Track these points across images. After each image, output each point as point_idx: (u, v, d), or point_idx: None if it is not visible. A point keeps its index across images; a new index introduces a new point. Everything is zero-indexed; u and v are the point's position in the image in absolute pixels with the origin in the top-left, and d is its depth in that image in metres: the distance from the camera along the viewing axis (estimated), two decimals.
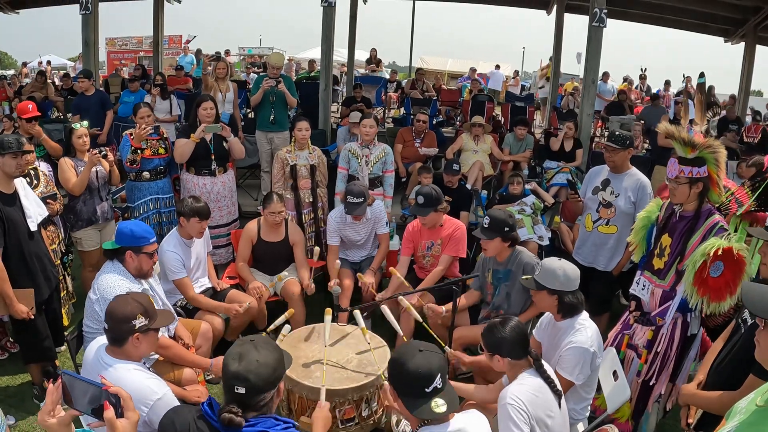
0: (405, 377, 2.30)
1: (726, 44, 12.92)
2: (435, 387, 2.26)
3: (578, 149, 7.95)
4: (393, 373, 2.39)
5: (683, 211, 3.51)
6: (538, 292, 3.29)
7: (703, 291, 3.26)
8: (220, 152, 5.62)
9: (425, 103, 11.16)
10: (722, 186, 3.47)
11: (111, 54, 21.62)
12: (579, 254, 4.88)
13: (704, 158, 3.37)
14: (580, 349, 3.09)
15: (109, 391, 1.76)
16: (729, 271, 3.18)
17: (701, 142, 3.35)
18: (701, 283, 3.25)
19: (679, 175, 3.41)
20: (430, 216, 4.67)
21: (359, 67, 18.01)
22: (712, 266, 3.20)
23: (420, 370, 2.27)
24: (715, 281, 3.21)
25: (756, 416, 1.63)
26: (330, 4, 8.22)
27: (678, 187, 3.43)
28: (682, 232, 3.47)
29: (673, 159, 3.46)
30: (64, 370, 1.83)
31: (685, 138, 3.37)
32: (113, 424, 1.74)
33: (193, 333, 4.09)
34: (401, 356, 2.35)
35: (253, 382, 2.01)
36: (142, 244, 3.57)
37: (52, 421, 1.71)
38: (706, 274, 3.22)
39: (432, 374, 2.26)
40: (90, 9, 8.31)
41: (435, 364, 2.30)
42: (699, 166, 3.36)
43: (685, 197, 3.44)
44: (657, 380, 3.61)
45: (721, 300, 3.25)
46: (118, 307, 2.67)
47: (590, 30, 7.87)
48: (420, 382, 2.26)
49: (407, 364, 2.29)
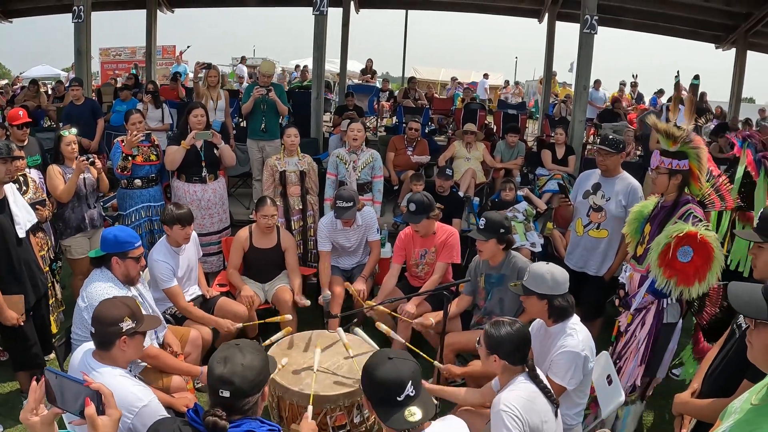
0: (375, 386, 2.24)
1: (717, 51, 13.01)
2: (407, 395, 2.19)
3: (570, 156, 7.96)
4: (364, 382, 2.33)
5: (664, 201, 3.72)
6: (528, 298, 3.27)
7: (669, 273, 3.43)
8: (210, 159, 5.60)
9: (418, 112, 11.21)
10: (704, 181, 3.64)
11: (105, 64, 21.62)
12: (570, 259, 4.88)
13: (686, 153, 3.56)
14: (572, 354, 3.06)
15: (91, 387, 1.74)
16: (698, 257, 3.34)
17: (682, 135, 3.52)
18: (667, 264, 3.41)
19: (659, 165, 3.63)
20: (423, 223, 4.65)
21: (353, 77, 18.08)
22: (680, 251, 3.35)
23: (389, 378, 2.20)
24: (684, 266, 3.37)
25: (751, 414, 1.62)
26: (322, 12, 8.23)
27: (658, 177, 3.67)
28: (660, 221, 3.66)
29: (656, 150, 3.68)
30: (47, 368, 1.81)
31: (667, 130, 3.55)
32: (94, 421, 1.72)
33: (182, 340, 4.05)
34: (370, 365, 2.29)
35: (237, 385, 1.99)
36: (127, 249, 3.53)
37: (34, 420, 1.70)
38: (671, 256, 3.37)
39: (402, 382, 2.19)
40: (82, 18, 8.29)
41: (405, 371, 2.22)
42: (679, 159, 3.56)
43: (664, 187, 3.66)
44: (620, 359, 3.75)
45: (688, 284, 3.39)
46: (104, 310, 2.65)
47: (581, 37, 7.89)
48: (390, 390, 2.19)
49: (376, 373, 2.23)
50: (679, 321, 3.75)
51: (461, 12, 14.53)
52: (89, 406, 1.72)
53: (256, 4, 13.81)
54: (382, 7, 14.39)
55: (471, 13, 14.48)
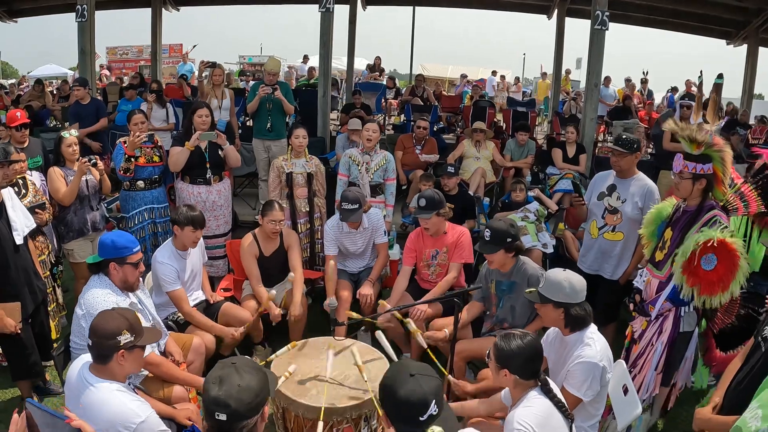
0: (397, 405, 2.13)
1: (728, 47, 12.86)
2: (430, 414, 2.08)
3: (582, 154, 7.82)
4: (384, 398, 2.21)
5: (687, 206, 3.61)
6: (543, 306, 3.16)
7: (692, 281, 3.33)
8: (215, 160, 5.50)
9: (426, 110, 11.09)
10: (728, 184, 3.52)
11: (111, 63, 21.60)
12: (584, 262, 4.77)
13: (710, 156, 3.44)
14: (590, 364, 2.95)
15: (72, 425, 1.64)
16: (722, 266, 3.25)
17: (705, 140, 3.39)
18: (691, 272, 3.32)
19: (683, 170, 3.50)
20: (433, 220, 4.53)
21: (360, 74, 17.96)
22: (703, 258, 3.26)
23: (412, 397, 2.09)
24: (707, 274, 3.28)
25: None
26: (328, 9, 8.15)
27: (681, 182, 3.52)
28: (682, 226, 3.54)
29: (679, 154, 3.54)
30: (28, 400, 1.72)
31: (689, 135, 3.42)
32: None
33: (185, 348, 3.95)
34: (392, 381, 2.18)
35: (234, 408, 1.90)
36: (125, 254, 3.43)
37: None
38: (696, 264, 3.28)
39: (426, 401, 2.08)
40: (86, 17, 8.23)
41: (429, 389, 2.11)
42: (703, 163, 3.43)
43: (688, 192, 3.52)
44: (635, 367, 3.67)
45: (712, 294, 3.30)
46: (102, 323, 2.56)
47: (592, 33, 7.76)
48: (413, 410, 2.09)
49: (399, 391, 2.12)
50: (695, 329, 3.67)
51: (469, 8, 14.44)
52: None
53: (262, 2, 13.75)
54: (389, 3, 14.29)
55: (479, 9, 14.39)
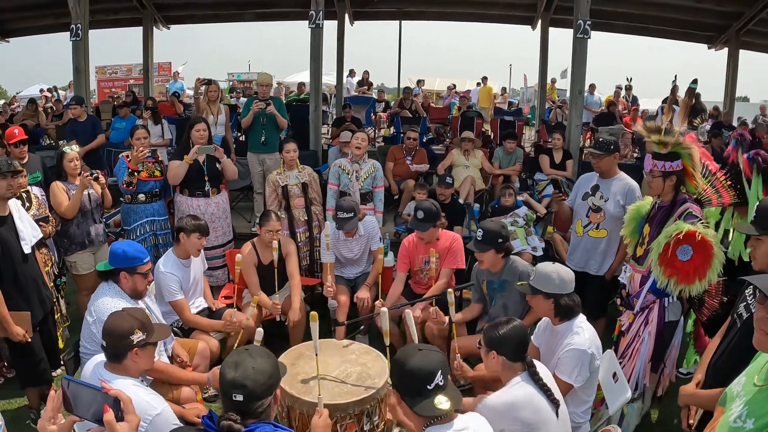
0: (406, 376, 2.32)
1: (710, 51, 13.03)
2: (437, 384, 2.28)
3: (568, 160, 8.01)
4: (394, 373, 2.42)
5: (661, 202, 3.78)
6: (534, 297, 3.33)
7: (669, 272, 3.49)
8: (213, 173, 5.65)
9: (415, 122, 11.24)
10: (699, 178, 3.70)
11: (101, 82, 21.66)
12: (571, 260, 4.93)
13: (678, 153, 3.63)
14: (578, 351, 3.12)
15: (109, 394, 1.74)
16: (698, 256, 3.40)
17: (671, 140, 3.60)
18: (667, 263, 3.47)
19: (653, 168, 3.69)
20: (430, 231, 4.69)
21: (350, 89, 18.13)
22: (680, 249, 3.41)
23: (420, 367, 2.29)
24: (684, 264, 3.43)
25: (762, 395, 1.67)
26: (318, 25, 8.30)
27: (653, 180, 3.73)
28: (659, 221, 3.72)
29: (648, 154, 3.75)
30: (65, 376, 1.81)
31: (656, 134, 3.64)
32: (113, 427, 1.70)
33: (191, 353, 4.08)
34: (401, 356, 2.39)
35: (250, 389, 2.03)
36: (135, 264, 3.58)
37: (52, 428, 1.68)
38: (671, 255, 3.43)
39: (433, 371, 2.29)
40: (80, 36, 8.36)
41: (435, 361, 2.32)
42: (672, 161, 3.63)
43: (660, 189, 3.73)
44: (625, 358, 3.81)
45: (689, 283, 3.46)
46: (115, 324, 2.69)
47: (575, 41, 7.95)
48: (421, 380, 2.28)
49: (407, 363, 2.32)
50: (681, 318, 3.83)
51: (454, 21, 14.63)
52: (108, 413, 1.71)
53: (252, 19, 13.90)
54: (375, 18, 14.48)
55: (464, 21, 14.57)
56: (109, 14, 12.82)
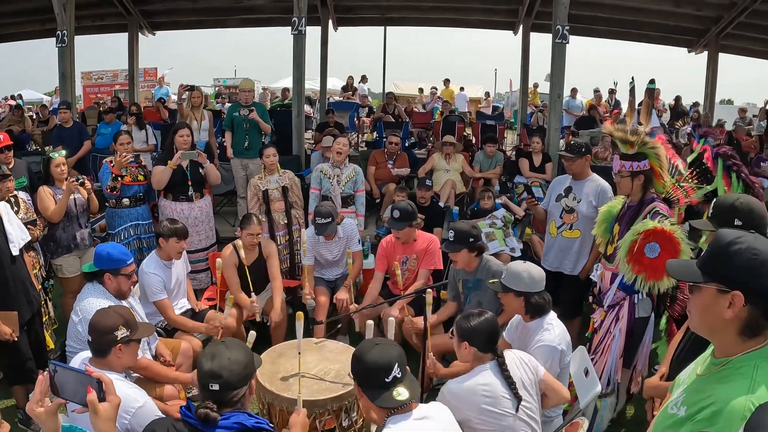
0: (364, 369, 2.41)
1: (690, 54, 13.21)
2: (394, 376, 2.37)
3: (547, 163, 8.16)
4: (354, 367, 2.49)
5: (630, 201, 3.89)
6: (506, 295, 3.44)
7: (637, 269, 3.57)
8: (196, 178, 5.75)
9: (397, 126, 11.34)
10: (666, 177, 3.79)
11: (87, 88, 21.63)
12: (546, 260, 5.05)
13: (645, 153, 3.72)
14: (549, 347, 3.23)
15: (92, 376, 1.86)
16: (666, 253, 3.47)
17: (636, 139, 3.69)
18: (635, 260, 3.56)
19: (620, 169, 3.80)
20: (405, 230, 4.81)
21: (334, 94, 18.23)
22: (647, 247, 3.50)
23: (377, 360, 2.38)
24: (652, 261, 3.51)
25: (698, 384, 1.73)
26: (300, 32, 8.38)
27: (621, 180, 3.84)
28: (628, 220, 3.82)
29: (616, 155, 3.85)
30: (51, 360, 1.92)
31: (622, 135, 3.73)
32: (95, 407, 1.82)
33: (174, 352, 4.17)
34: (359, 351, 2.48)
35: (225, 378, 2.14)
36: (119, 266, 3.68)
37: (39, 410, 1.79)
38: (637, 251, 3.52)
39: (390, 364, 2.37)
40: (66, 42, 8.42)
41: (392, 355, 2.41)
42: (639, 161, 3.73)
43: (628, 189, 3.84)
44: (597, 354, 3.88)
45: (657, 279, 3.54)
46: (100, 320, 2.79)
47: (554, 47, 8.06)
48: (379, 373, 2.36)
49: (365, 357, 2.41)
50: (651, 315, 3.91)
51: (437, 27, 14.76)
52: (90, 393, 1.83)
53: (236, 25, 13.98)
54: (359, 24, 14.59)
55: (448, 27, 14.71)
56: (95, 20, 12.84)
